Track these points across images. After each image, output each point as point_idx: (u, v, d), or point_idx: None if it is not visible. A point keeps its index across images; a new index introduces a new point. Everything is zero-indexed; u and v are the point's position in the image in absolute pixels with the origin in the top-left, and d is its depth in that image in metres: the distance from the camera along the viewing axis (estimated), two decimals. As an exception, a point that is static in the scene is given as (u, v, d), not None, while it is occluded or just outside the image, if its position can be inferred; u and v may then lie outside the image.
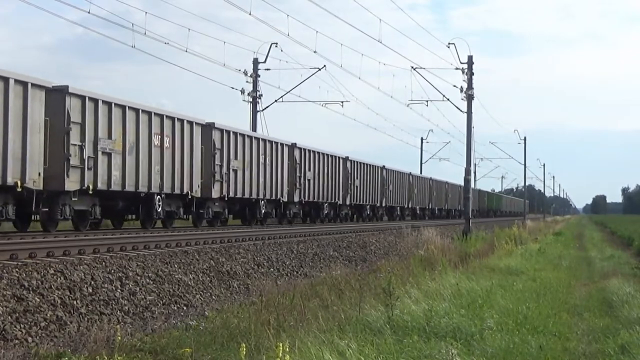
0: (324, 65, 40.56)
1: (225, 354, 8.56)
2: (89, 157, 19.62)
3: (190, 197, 24.49)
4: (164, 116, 23.10)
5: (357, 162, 41.90)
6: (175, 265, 14.78)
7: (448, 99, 38.95)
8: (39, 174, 17.94)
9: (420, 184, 58.23)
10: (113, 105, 20.69)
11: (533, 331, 9.83)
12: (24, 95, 17.41)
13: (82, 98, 19.56)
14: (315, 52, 34.25)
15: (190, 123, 24.62)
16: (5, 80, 16.92)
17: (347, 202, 40.56)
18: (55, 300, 10.87)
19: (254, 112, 39.86)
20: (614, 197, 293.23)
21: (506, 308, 11.36)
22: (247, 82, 39.68)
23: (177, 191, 23.58)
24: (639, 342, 9.20)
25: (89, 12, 23.39)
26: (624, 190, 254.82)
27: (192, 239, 18.49)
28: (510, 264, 19.79)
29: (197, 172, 24.94)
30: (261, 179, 29.77)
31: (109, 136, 20.49)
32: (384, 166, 47.61)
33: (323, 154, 36.96)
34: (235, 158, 27.73)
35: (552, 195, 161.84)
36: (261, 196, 29.82)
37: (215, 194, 26.20)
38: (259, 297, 12.87)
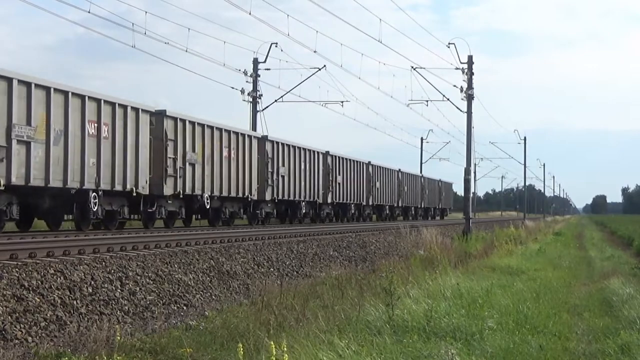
0: (324, 65, 40.74)
1: (225, 354, 8.55)
2: (179, 167, 24.27)
3: (250, 199, 29.81)
4: (231, 132, 28.19)
5: (378, 166, 47.64)
6: (175, 265, 14.77)
7: (448, 99, 38.91)
8: (146, 181, 22.57)
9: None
10: (196, 124, 25.52)
11: (533, 331, 9.82)
12: (136, 119, 21.92)
13: (175, 119, 24.25)
14: (315, 52, 34.20)
15: (250, 137, 30.10)
16: (124, 107, 21.31)
17: (370, 203, 45.96)
18: (55, 300, 10.87)
19: (254, 112, 39.87)
20: (614, 197, 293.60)
21: (506, 308, 11.35)
22: (247, 82, 39.72)
23: (240, 194, 28.72)
24: (639, 342, 9.19)
25: (89, 12, 23.41)
26: (624, 190, 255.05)
27: (192, 239, 18.50)
28: (510, 264, 19.80)
29: (255, 178, 30.28)
30: (302, 184, 34.89)
31: (194, 150, 25.19)
32: (399, 169, 53.41)
33: (349, 159, 41.63)
34: (283, 165, 32.81)
35: (552, 195, 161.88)
36: (302, 198, 34.90)
37: (268, 196, 31.38)
38: (259, 297, 12.86)
